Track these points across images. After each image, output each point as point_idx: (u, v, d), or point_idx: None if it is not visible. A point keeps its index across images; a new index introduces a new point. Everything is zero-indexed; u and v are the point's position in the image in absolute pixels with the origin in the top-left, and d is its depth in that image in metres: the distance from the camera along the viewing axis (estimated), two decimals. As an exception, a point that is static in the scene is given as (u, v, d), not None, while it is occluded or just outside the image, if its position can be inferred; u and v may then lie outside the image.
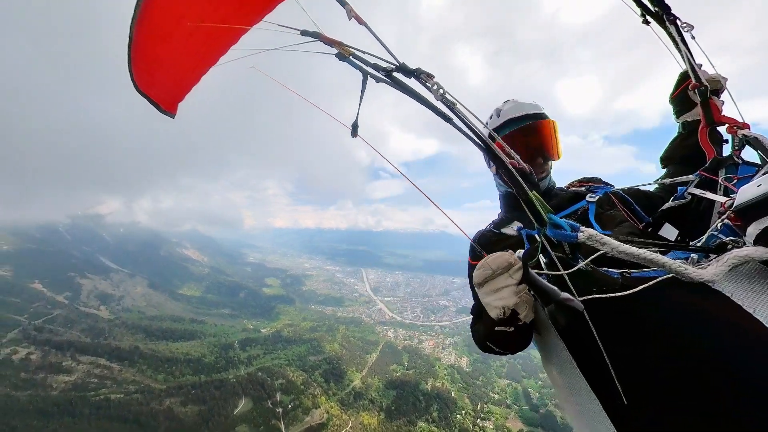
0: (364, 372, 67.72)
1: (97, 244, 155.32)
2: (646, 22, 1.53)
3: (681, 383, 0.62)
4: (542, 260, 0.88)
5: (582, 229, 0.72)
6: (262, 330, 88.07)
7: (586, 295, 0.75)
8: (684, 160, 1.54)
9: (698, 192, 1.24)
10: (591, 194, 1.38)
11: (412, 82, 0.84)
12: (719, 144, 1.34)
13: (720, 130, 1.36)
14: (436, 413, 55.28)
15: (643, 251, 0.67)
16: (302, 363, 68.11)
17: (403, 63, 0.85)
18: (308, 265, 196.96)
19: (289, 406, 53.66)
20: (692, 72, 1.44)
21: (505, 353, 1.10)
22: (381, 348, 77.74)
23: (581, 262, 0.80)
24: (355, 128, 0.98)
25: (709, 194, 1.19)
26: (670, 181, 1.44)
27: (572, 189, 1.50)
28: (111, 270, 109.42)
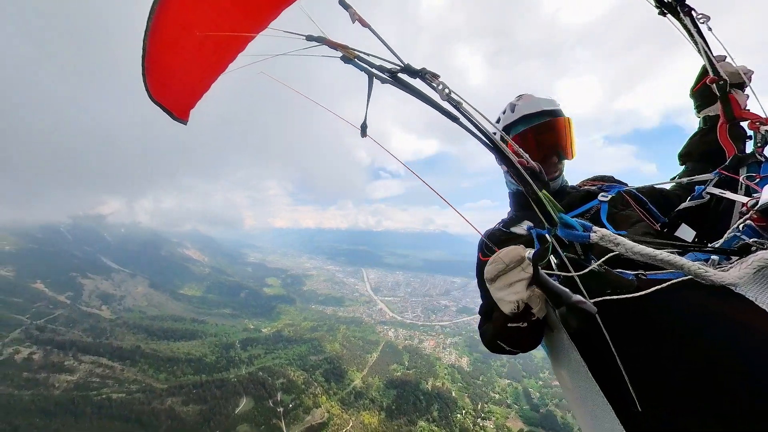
0: (365, 371, 67.71)
1: (99, 244, 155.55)
2: (662, 14, 1.47)
3: (696, 389, 0.60)
4: (553, 261, 0.84)
5: (594, 229, 0.69)
6: (263, 330, 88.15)
7: (599, 298, 0.73)
8: (704, 157, 1.47)
9: (717, 192, 1.18)
10: (603, 193, 1.32)
11: (418, 83, 0.83)
12: (741, 140, 1.26)
13: (743, 126, 1.28)
14: (437, 413, 55.22)
15: (660, 252, 0.64)
16: (303, 362, 68.13)
17: (408, 64, 0.84)
18: (309, 265, 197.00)
19: (290, 406, 53.70)
20: (709, 65, 1.37)
21: (516, 352, 1.06)
22: (381, 348, 77.69)
23: (594, 264, 0.77)
24: (365, 128, 0.98)
25: (730, 194, 1.13)
26: (688, 180, 1.38)
27: (584, 188, 1.44)
28: (112, 270, 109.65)
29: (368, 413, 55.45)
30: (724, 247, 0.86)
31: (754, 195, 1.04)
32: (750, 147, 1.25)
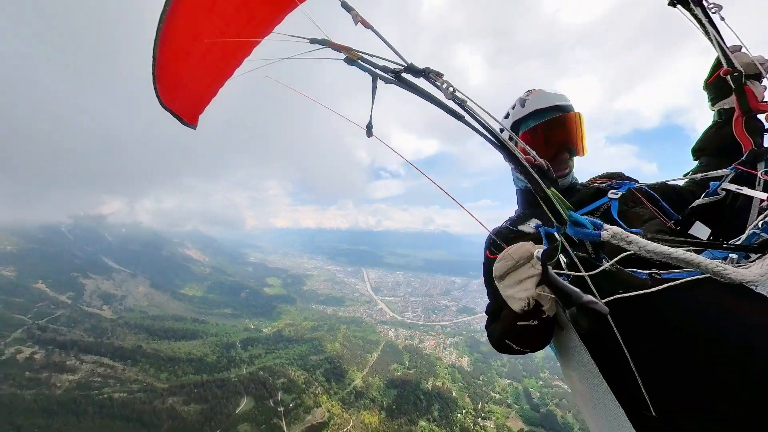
0: (365, 371, 67.72)
1: (100, 245, 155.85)
2: (672, 4, 1.42)
3: (712, 392, 0.59)
4: (563, 260, 0.82)
5: (606, 227, 0.67)
6: (264, 329, 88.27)
7: (610, 297, 0.72)
8: (719, 151, 1.42)
9: (734, 188, 1.13)
10: (613, 190, 1.27)
11: (421, 82, 0.83)
12: (758, 134, 1.21)
13: (761, 118, 1.22)
14: (437, 412, 55.21)
15: (676, 250, 0.61)
16: (303, 362, 68.17)
17: (412, 63, 0.84)
18: (309, 265, 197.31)
19: (291, 405, 53.71)
20: (723, 56, 1.31)
21: (525, 351, 1.03)
22: (382, 347, 77.70)
23: (605, 263, 0.74)
24: (370, 128, 0.99)
25: (747, 190, 1.09)
26: (702, 176, 1.32)
27: (594, 185, 1.39)
28: (113, 270, 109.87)
29: (369, 413, 55.46)
30: (744, 245, 0.83)
31: None
32: None
